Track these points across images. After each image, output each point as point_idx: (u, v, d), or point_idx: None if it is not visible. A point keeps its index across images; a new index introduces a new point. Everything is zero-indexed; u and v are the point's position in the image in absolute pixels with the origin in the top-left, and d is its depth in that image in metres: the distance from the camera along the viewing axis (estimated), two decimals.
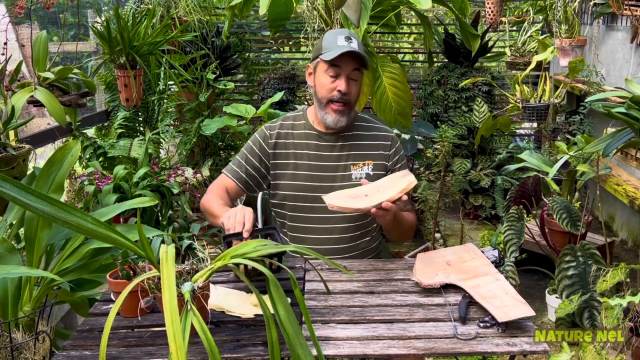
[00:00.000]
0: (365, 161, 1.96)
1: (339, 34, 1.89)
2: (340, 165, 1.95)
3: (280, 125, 2.01)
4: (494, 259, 1.71)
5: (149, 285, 1.33)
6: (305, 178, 1.94)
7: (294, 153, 1.96)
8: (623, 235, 3.68)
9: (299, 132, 1.99)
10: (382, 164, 1.99)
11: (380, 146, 2.00)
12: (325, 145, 1.96)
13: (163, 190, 2.48)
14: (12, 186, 1.24)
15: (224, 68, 3.97)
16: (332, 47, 1.85)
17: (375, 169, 1.97)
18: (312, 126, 1.98)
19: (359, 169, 1.95)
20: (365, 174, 1.95)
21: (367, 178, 1.94)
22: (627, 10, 3.14)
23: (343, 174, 1.95)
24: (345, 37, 1.87)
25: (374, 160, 1.98)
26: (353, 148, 1.96)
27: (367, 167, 1.96)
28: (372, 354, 1.35)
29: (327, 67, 1.87)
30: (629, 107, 1.99)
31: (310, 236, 1.96)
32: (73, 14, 3.24)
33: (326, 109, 1.90)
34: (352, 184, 1.93)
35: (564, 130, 3.63)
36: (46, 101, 2.08)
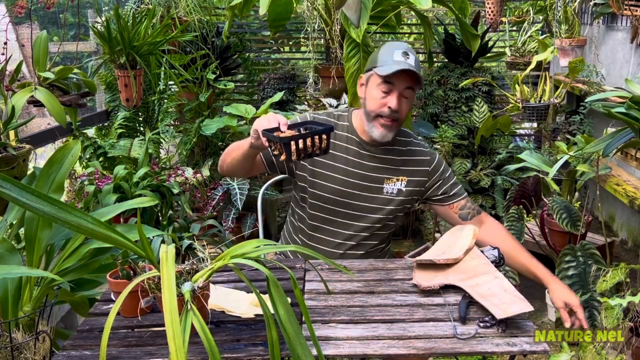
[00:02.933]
0: (399, 177, 1.93)
1: (396, 48, 1.85)
2: (375, 177, 1.92)
3: (325, 120, 1.95)
4: (493, 258, 1.71)
5: (149, 285, 1.33)
6: (340, 182, 1.90)
7: (332, 154, 1.90)
8: (623, 235, 3.68)
9: (340, 133, 1.94)
10: (420, 181, 1.95)
11: (418, 162, 1.95)
12: (365, 154, 1.92)
13: (163, 190, 2.48)
14: (12, 186, 1.24)
15: (224, 68, 3.97)
16: (388, 62, 1.81)
17: (409, 186, 1.94)
18: (356, 132, 1.93)
19: (391, 184, 1.92)
20: (397, 189, 1.92)
21: (398, 194, 1.92)
22: (627, 10, 3.14)
23: (376, 186, 1.92)
24: (402, 52, 1.82)
25: (409, 177, 1.94)
26: (390, 162, 1.93)
27: (400, 183, 1.93)
28: (372, 353, 1.35)
29: (380, 81, 1.82)
30: (629, 107, 1.99)
31: (329, 238, 1.95)
32: (73, 14, 3.24)
33: (374, 123, 1.85)
34: (382, 197, 1.92)
35: (564, 130, 3.63)
36: (46, 101, 2.07)
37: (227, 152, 1.92)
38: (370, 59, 1.91)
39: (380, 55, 1.85)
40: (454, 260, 1.67)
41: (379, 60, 1.84)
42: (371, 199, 1.92)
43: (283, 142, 1.52)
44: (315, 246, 1.96)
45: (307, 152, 1.55)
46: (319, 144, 1.56)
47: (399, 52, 1.83)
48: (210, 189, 3.39)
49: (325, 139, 1.57)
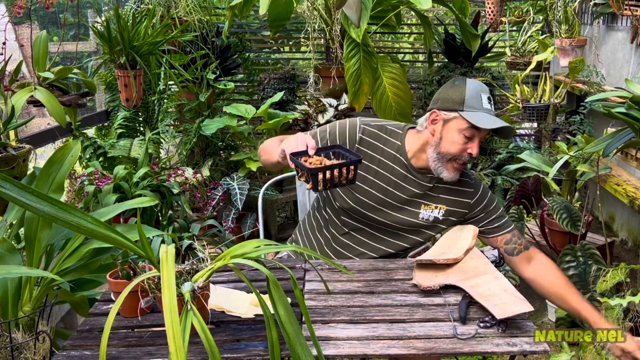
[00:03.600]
0: (438, 204, 1.87)
1: (482, 91, 1.77)
2: (413, 201, 1.86)
3: (376, 134, 1.87)
4: (493, 258, 1.71)
5: (149, 285, 1.33)
6: (375, 199, 1.84)
7: (374, 169, 1.85)
8: (623, 235, 3.68)
9: (389, 151, 1.86)
10: (460, 212, 1.88)
11: (460, 193, 1.88)
12: (410, 178, 1.85)
13: (163, 190, 2.48)
14: (12, 186, 1.24)
15: (224, 68, 3.97)
16: (477, 107, 1.74)
17: (447, 215, 1.87)
18: (406, 154, 1.85)
19: (429, 210, 1.87)
20: (433, 217, 1.87)
21: (435, 221, 1.88)
22: (627, 10, 3.14)
23: (413, 210, 1.87)
24: (488, 97, 1.77)
25: (448, 207, 1.87)
26: (434, 190, 1.87)
27: (437, 211, 1.87)
28: (372, 354, 1.35)
29: (466, 126, 1.74)
30: (629, 107, 1.99)
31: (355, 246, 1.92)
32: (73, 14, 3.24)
33: (446, 165, 1.78)
34: (417, 222, 1.87)
35: (564, 130, 3.63)
36: (46, 101, 2.07)
37: (263, 149, 1.87)
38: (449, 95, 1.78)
39: (467, 95, 1.75)
40: (454, 260, 1.67)
41: (465, 102, 1.75)
42: (406, 222, 1.87)
43: (311, 173, 1.51)
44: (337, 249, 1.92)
45: (334, 182, 1.53)
46: (346, 174, 1.54)
47: (485, 96, 1.76)
48: (210, 189, 3.39)
49: (352, 170, 1.55)
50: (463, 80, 1.79)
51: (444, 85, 1.84)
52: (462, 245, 1.72)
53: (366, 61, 3.32)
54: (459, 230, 1.85)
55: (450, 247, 1.75)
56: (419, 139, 1.84)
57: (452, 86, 1.79)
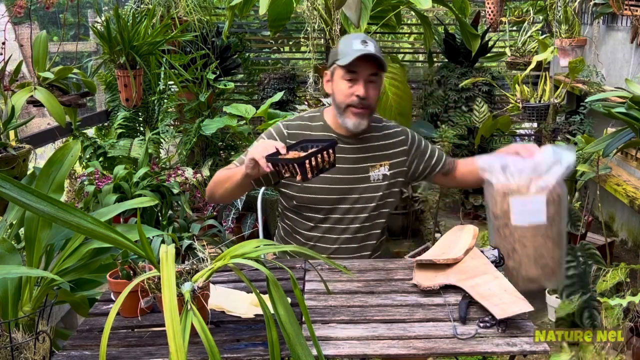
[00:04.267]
0: (382, 162, 1.96)
1: (354, 38, 1.87)
2: (359, 168, 1.94)
3: (298, 125, 1.98)
4: (493, 258, 1.71)
5: (149, 285, 1.33)
6: (323, 180, 1.91)
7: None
8: (623, 236, 3.68)
9: (317, 133, 1.96)
10: (401, 161, 1.99)
11: (396, 144, 2.00)
12: (345, 148, 1.93)
13: (163, 190, 2.48)
14: (12, 186, 1.24)
15: (224, 68, 3.97)
16: (348, 52, 1.83)
17: (392, 168, 1.97)
18: (331, 128, 1.96)
19: (376, 171, 1.95)
20: (382, 175, 1.95)
21: (384, 179, 1.95)
22: (627, 10, 3.14)
23: (362, 176, 1.94)
24: (361, 40, 1.84)
25: (390, 160, 1.98)
26: (370, 150, 1.96)
27: (383, 168, 1.96)
28: (372, 354, 1.35)
29: (343, 72, 1.85)
30: (629, 107, 1.99)
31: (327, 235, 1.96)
32: (73, 14, 3.24)
33: (346, 114, 1.88)
34: (371, 186, 1.94)
35: (564, 130, 3.63)
36: (46, 101, 2.07)
37: (217, 182, 1.92)
38: (331, 54, 1.93)
39: (340, 47, 1.87)
40: (454, 260, 1.67)
41: (339, 53, 1.86)
42: (362, 189, 1.94)
43: (298, 163, 1.57)
44: (314, 245, 1.97)
45: (319, 167, 1.61)
46: (328, 158, 1.62)
47: (357, 41, 1.85)
48: None
49: (332, 153, 1.63)
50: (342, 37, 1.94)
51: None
52: (462, 245, 1.72)
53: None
54: (459, 230, 1.85)
55: (450, 247, 1.75)
56: (332, 108, 1.97)
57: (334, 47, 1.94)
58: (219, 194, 1.91)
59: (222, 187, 1.89)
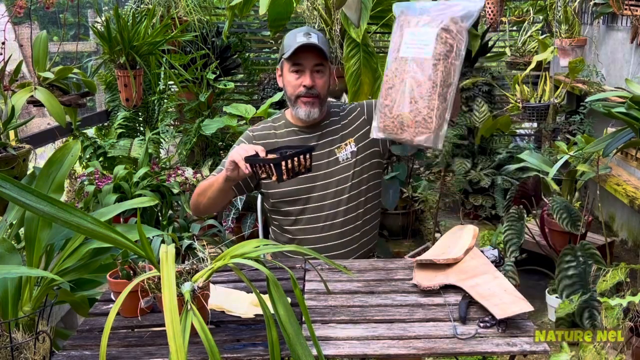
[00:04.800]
0: (346, 141, 2.00)
1: (298, 32, 1.93)
2: (324, 153, 1.98)
3: (263, 127, 2.06)
4: (493, 258, 1.71)
5: (149, 285, 1.33)
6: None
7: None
8: (623, 235, 3.68)
9: (281, 131, 2.03)
10: (365, 132, 1.99)
11: (354, 118, 2.03)
12: (306, 137, 1.99)
13: (163, 190, 2.48)
14: (12, 186, 1.24)
15: (224, 68, 3.97)
16: (292, 45, 1.89)
17: (359, 142, 2.00)
18: (292, 123, 2.03)
19: (343, 151, 1.99)
20: (350, 152, 1.99)
21: (353, 156, 1.98)
22: (627, 10, 3.14)
23: (330, 160, 1.98)
24: (304, 33, 1.90)
25: (354, 136, 2.01)
26: (332, 133, 2.01)
27: (349, 146, 2.00)
28: (372, 353, 1.35)
29: (289, 65, 1.91)
30: (629, 107, 1.99)
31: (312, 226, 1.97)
32: (73, 14, 3.24)
33: (297, 105, 1.94)
34: (341, 167, 1.97)
35: (564, 130, 3.63)
36: (46, 101, 2.07)
37: (199, 193, 1.94)
38: (280, 51, 1.98)
39: (286, 42, 1.93)
40: (454, 260, 1.67)
41: (285, 47, 1.92)
42: (333, 172, 1.97)
43: (274, 164, 1.61)
44: (303, 238, 1.98)
45: (295, 171, 1.66)
46: (304, 162, 1.66)
47: (300, 34, 1.90)
48: None
49: (309, 158, 1.67)
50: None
51: None
52: (462, 245, 1.72)
53: (366, 61, 3.32)
54: (459, 230, 1.85)
55: (450, 247, 1.75)
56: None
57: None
58: (203, 204, 1.93)
59: (204, 196, 1.91)
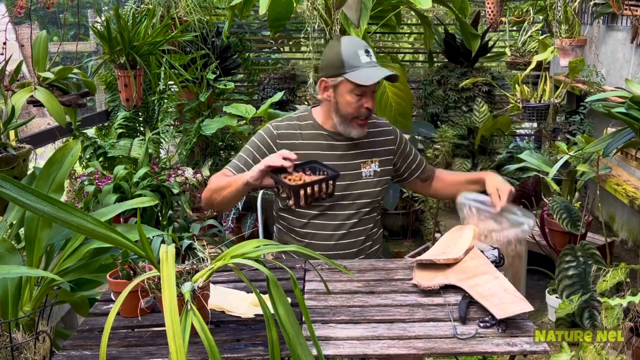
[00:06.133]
0: (372, 158, 2.00)
1: (357, 47, 1.84)
2: (350, 164, 1.97)
3: (287, 125, 1.99)
4: (493, 258, 1.71)
5: (149, 285, 1.33)
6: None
7: (304, 154, 1.91)
8: (623, 235, 3.68)
9: (307, 132, 1.97)
10: (389, 159, 2.04)
11: (386, 142, 2.04)
12: (337, 145, 1.96)
13: (163, 190, 2.48)
14: (12, 186, 1.24)
15: (224, 68, 3.97)
16: (357, 64, 1.81)
17: (382, 165, 2.01)
18: (322, 127, 1.97)
19: (367, 167, 1.99)
20: (373, 171, 1.99)
21: (374, 175, 1.99)
22: (627, 10, 3.14)
23: (353, 172, 1.97)
24: (364, 50, 1.83)
25: (380, 157, 2.01)
26: (362, 146, 1.99)
27: (374, 165, 2.00)
28: (372, 353, 1.35)
29: (353, 87, 1.83)
30: (629, 107, 1.99)
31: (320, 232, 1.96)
32: (73, 14, 3.24)
33: (351, 124, 1.91)
34: (362, 182, 1.97)
35: (564, 130, 3.63)
36: (46, 101, 2.07)
37: (214, 190, 1.91)
38: (329, 60, 1.86)
39: (345, 57, 1.82)
40: (454, 260, 1.67)
41: (345, 64, 1.82)
42: (354, 185, 1.96)
43: (292, 190, 1.58)
44: (309, 242, 1.97)
45: (314, 197, 1.63)
46: (325, 189, 1.63)
47: (361, 51, 1.84)
48: None
49: (331, 185, 1.64)
50: (338, 40, 1.88)
51: (324, 51, 1.95)
52: (462, 245, 1.72)
53: None
54: (459, 230, 1.85)
55: (450, 247, 1.75)
56: (324, 109, 1.97)
57: (329, 50, 1.89)
58: (218, 201, 1.91)
59: (220, 194, 1.89)
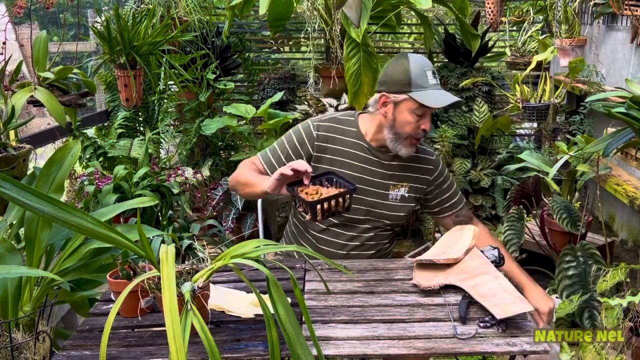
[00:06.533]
0: (403, 183, 1.94)
1: (425, 67, 1.79)
2: (381, 183, 1.92)
3: (329, 127, 1.93)
4: (493, 258, 1.71)
5: (149, 285, 1.33)
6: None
7: (339, 161, 1.89)
8: (623, 235, 3.68)
9: (348, 139, 1.92)
10: (421, 188, 1.97)
11: (423, 170, 1.97)
12: (373, 160, 1.91)
13: (163, 190, 2.48)
14: (12, 186, 1.24)
15: (224, 68, 3.97)
16: (424, 85, 1.78)
17: (411, 192, 1.96)
18: (364, 138, 1.92)
19: (396, 190, 1.93)
20: (400, 195, 1.94)
21: (401, 200, 1.94)
22: (627, 10, 3.14)
23: (380, 192, 1.92)
24: (432, 72, 1.79)
25: (411, 183, 1.95)
26: (397, 168, 1.94)
27: (403, 189, 1.94)
28: (372, 353, 1.35)
29: (416, 106, 1.79)
30: (629, 107, 1.99)
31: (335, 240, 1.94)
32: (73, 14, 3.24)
33: (403, 143, 1.85)
34: (388, 204, 1.92)
35: (564, 130, 3.63)
36: (46, 101, 2.07)
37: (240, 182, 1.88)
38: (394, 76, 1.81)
39: (413, 74, 1.77)
40: (454, 260, 1.67)
41: (412, 83, 1.77)
42: (378, 205, 1.92)
43: (310, 205, 1.57)
44: (322, 248, 1.95)
45: (332, 211, 1.60)
46: (342, 203, 1.61)
47: (429, 72, 1.79)
48: (210, 189, 3.39)
49: (348, 199, 1.62)
50: (406, 57, 1.82)
51: (388, 65, 1.86)
52: (462, 245, 1.72)
53: (366, 61, 3.32)
54: (459, 230, 1.85)
55: (450, 247, 1.75)
56: (373, 121, 1.90)
57: (396, 66, 1.81)
58: (241, 193, 1.92)
59: (243, 189, 1.88)
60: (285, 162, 1.87)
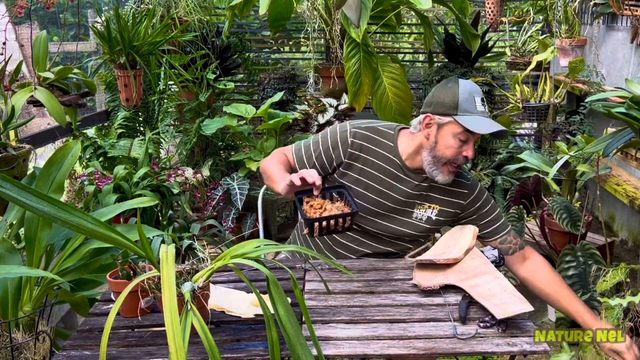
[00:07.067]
0: (431, 204, 1.86)
1: (475, 93, 1.74)
2: (407, 202, 1.86)
3: (366, 136, 1.86)
4: (493, 258, 1.71)
5: (149, 285, 1.33)
6: (370, 201, 1.84)
7: (368, 172, 1.85)
8: (623, 235, 3.68)
9: (382, 152, 1.86)
10: (453, 212, 1.87)
11: (456, 194, 1.87)
12: (403, 179, 1.84)
13: (163, 190, 2.48)
14: (12, 186, 1.24)
15: (224, 68, 3.97)
16: (471, 110, 1.72)
17: (440, 215, 1.87)
18: (399, 155, 1.85)
19: (422, 210, 1.87)
20: (427, 216, 1.87)
21: (427, 222, 1.87)
22: (627, 10, 3.14)
23: (406, 210, 1.86)
24: (481, 99, 1.75)
25: (441, 207, 1.87)
26: (427, 189, 1.86)
27: (431, 211, 1.87)
28: (372, 353, 1.35)
29: (460, 131, 1.72)
30: (629, 107, 1.98)
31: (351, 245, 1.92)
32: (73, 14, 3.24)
33: (442, 168, 1.77)
34: (410, 222, 1.87)
35: (564, 130, 3.63)
36: (46, 101, 2.07)
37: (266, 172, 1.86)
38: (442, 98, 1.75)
39: (461, 100, 1.72)
40: (454, 260, 1.67)
41: (460, 107, 1.72)
42: (399, 222, 1.87)
43: (307, 221, 1.59)
44: (338, 251, 1.93)
45: (330, 229, 1.61)
46: (342, 223, 1.61)
47: (478, 98, 1.74)
48: (210, 189, 3.39)
49: (348, 220, 1.61)
50: (456, 81, 1.77)
51: (436, 87, 1.81)
52: (462, 245, 1.72)
53: (366, 61, 3.33)
54: (459, 230, 1.85)
55: (450, 247, 1.75)
56: (412, 141, 1.83)
57: (444, 89, 1.76)
58: (265, 182, 1.91)
59: (266, 180, 1.87)
60: (315, 162, 1.85)
